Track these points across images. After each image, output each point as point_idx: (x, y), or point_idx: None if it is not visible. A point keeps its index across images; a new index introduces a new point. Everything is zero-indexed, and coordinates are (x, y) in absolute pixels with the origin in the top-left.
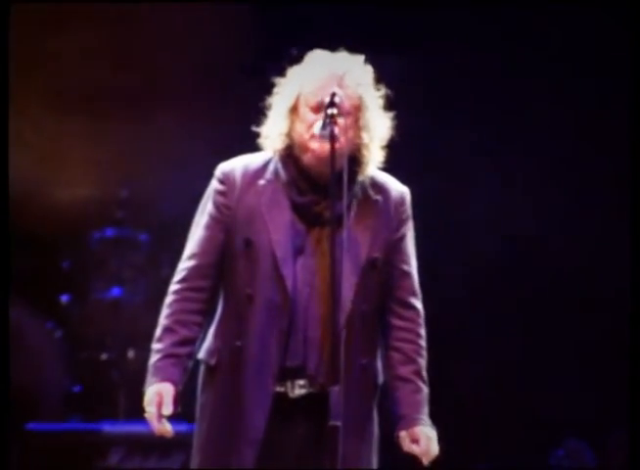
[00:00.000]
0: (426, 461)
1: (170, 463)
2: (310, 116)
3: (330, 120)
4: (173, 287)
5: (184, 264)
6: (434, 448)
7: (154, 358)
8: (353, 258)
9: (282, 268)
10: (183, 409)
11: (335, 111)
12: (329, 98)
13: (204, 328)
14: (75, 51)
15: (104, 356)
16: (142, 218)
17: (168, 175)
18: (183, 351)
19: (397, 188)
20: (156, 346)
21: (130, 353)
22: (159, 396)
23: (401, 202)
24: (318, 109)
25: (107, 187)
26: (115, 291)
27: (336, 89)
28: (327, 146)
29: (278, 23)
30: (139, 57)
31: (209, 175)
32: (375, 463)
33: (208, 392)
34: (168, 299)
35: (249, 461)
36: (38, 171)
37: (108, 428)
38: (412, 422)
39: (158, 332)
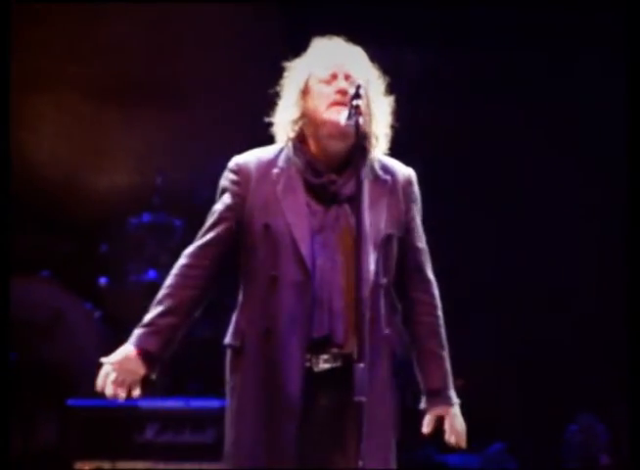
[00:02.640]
0: (462, 443)
1: (203, 438)
2: (324, 88)
3: (355, 111)
4: (179, 262)
5: (194, 244)
6: (463, 427)
7: (145, 319)
8: (373, 233)
9: (301, 248)
10: (210, 386)
11: (360, 102)
12: (355, 89)
13: (196, 304)
14: (112, 44)
15: None
16: (177, 204)
17: (202, 163)
18: (165, 321)
19: (403, 170)
20: (146, 315)
21: None
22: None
23: (409, 182)
24: (330, 80)
25: (143, 174)
26: (151, 274)
27: (347, 65)
28: (343, 112)
29: (304, 18)
30: (173, 49)
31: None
32: (393, 423)
33: (237, 373)
34: (171, 272)
35: (292, 431)
36: (78, 160)
37: (144, 404)
38: (443, 400)
39: (153, 302)
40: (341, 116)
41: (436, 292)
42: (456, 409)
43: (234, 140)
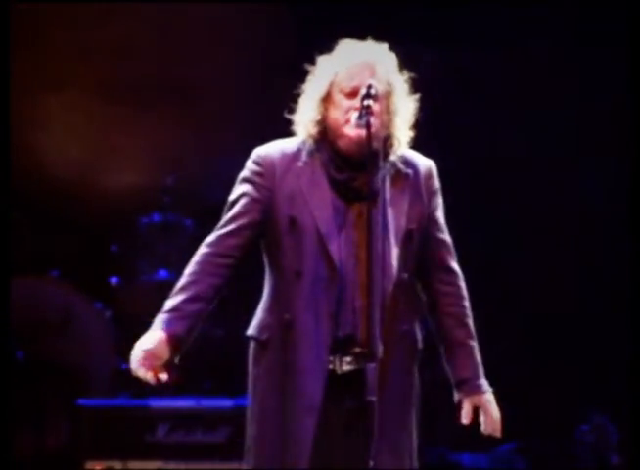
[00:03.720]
0: (497, 432)
1: (215, 437)
2: (345, 102)
3: (366, 111)
4: (201, 250)
5: (216, 232)
6: (498, 414)
7: (159, 314)
8: (394, 229)
9: (328, 244)
10: (226, 385)
11: (371, 102)
12: (365, 90)
13: (218, 293)
14: (122, 43)
15: None
16: (187, 204)
17: (212, 163)
18: (191, 307)
19: (424, 162)
20: (167, 302)
21: None
22: (147, 342)
23: (429, 175)
24: (353, 94)
25: (153, 174)
26: (162, 273)
27: (369, 79)
28: (362, 132)
29: (315, 18)
30: (184, 48)
31: None
32: (415, 427)
33: (260, 366)
34: (193, 259)
35: (309, 429)
36: (89, 159)
37: (154, 404)
38: (475, 389)
39: (174, 290)
40: (352, 117)
41: (462, 283)
42: (490, 396)
43: (245, 140)
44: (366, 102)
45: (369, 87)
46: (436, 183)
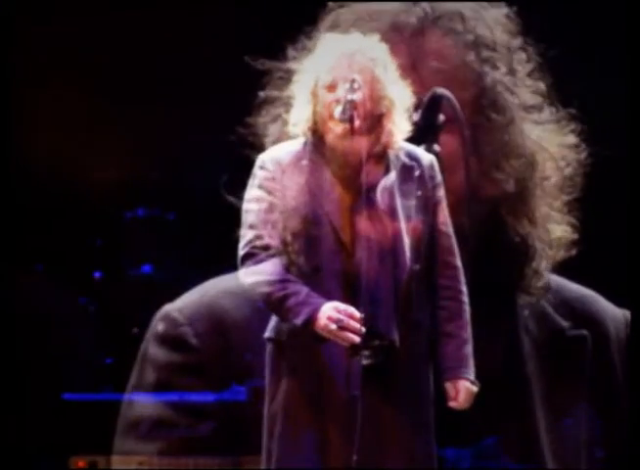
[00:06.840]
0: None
1: (199, 431)
2: (327, 96)
3: (349, 106)
4: (254, 259)
5: (248, 247)
6: (469, 403)
7: (300, 295)
8: (404, 220)
9: (342, 236)
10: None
11: (354, 96)
12: (348, 84)
13: None
14: (109, 39)
15: (135, 330)
16: (172, 199)
17: (198, 158)
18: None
19: (426, 155)
20: (291, 288)
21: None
22: (336, 309)
23: (431, 167)
24: (332, 87)
25: (138, 168)
26: (146, 268)
27: (347, 70)
28: (347, 126)
29: (304, 16)
30: (171, 44)
31: (237, 159)
32: (432, 417)
33: (281, 369)
34: (260, 267)
35: (343, 425)
36: (73, 154)
37: (138, 398)
38: (457, 374)
39: (270, 285)
40: (335, 112)
41: (462, 278)
42: (467, 385)
43: (231, 136)
44: (349, 96)
45: (352, 81)
46: (439, 176)
